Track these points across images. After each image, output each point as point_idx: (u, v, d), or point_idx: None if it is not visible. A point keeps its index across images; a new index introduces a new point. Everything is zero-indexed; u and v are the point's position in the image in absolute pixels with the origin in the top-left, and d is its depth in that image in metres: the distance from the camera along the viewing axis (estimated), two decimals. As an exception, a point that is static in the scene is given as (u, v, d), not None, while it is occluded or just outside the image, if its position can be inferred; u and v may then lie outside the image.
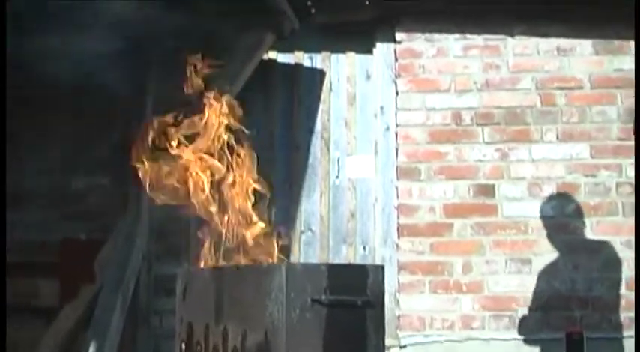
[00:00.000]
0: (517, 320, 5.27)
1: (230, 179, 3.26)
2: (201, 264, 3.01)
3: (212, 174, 3.26)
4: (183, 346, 2.74)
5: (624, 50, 5.58)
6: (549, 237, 5.31)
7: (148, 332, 5.23)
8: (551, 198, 5.37)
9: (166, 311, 5.12)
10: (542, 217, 5.35)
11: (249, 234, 3.10)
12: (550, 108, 5.45)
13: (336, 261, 5.51)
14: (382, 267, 2.56)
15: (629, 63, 5.53)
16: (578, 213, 5.35)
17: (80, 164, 5.53)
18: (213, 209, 3.18)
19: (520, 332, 5.25)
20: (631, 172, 5.32)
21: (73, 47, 5.48)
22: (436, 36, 5.60)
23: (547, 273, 5.30)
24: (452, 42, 5.59)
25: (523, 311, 5.28)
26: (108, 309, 4.63)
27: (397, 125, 5.58)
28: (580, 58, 5.47)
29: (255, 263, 2.86)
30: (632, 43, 5.55)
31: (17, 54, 5.23)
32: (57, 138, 5.63)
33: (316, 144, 5.73)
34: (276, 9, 4.76)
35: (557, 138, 5.42)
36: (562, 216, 5.33)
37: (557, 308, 5.26)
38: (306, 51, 5.84)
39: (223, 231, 3.10)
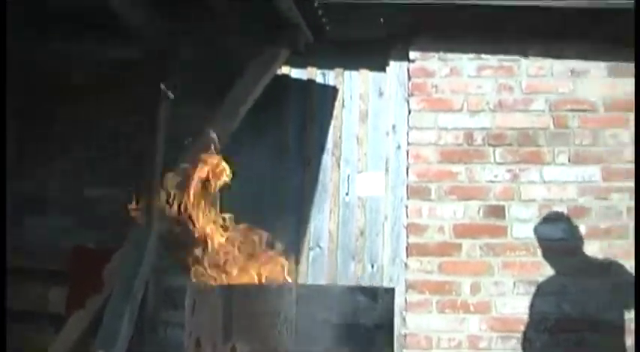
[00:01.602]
0: (525, 342, 5.25)
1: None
2: (211, 280, 3.01)
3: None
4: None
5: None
6: (559, 259, 5.29)
7: (155, 342, 5.23)
8: (562, 220, 5.35)
9: (173, 323, 5.14)
10: (553, 239, 5.33)
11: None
12: (563, 130, 5.44)
13: (344, 278, 5.51)
14: (393, 290, 2.55)
15: (643, 87, 5.53)
16: (589, 236, 5.33)
17: (94, 173, 5.56)
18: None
19: (527, 354, 5.24)
20: (643, 196, 5.31)
21: (92, 56, 5.54)
22: (450, 55, 5.60)
23: (556, 295, 5.28)
24: (465, 62, 5.58)
25: (531, 333, 5.26)
26: (116, 318, 4.62)
27: (409, 144, 5.56)
28: (594, 80, 5.45)
29: (266, 282, 2.85)
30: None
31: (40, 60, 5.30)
32: (75, 145, 5.68)
33: (327, 161, 5.73)
34: (291, 23, 4.77)
35: (569, 160, 5.41)
36: (573, 238, 5.30)
37: (566, 331, 5.24)
38: (320, 67, 5.84)
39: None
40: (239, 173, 5.55)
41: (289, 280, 2.97)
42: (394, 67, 5.75)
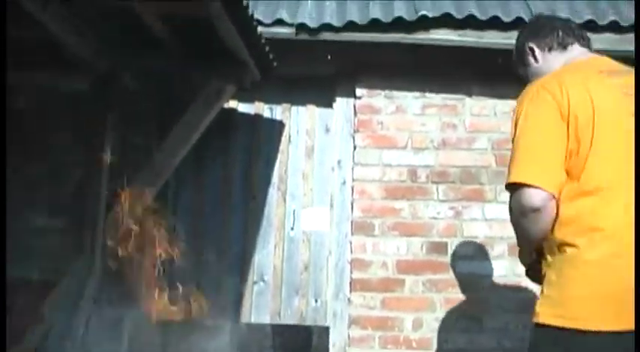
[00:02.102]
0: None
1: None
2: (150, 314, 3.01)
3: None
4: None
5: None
6: (501, 295, 5.34)
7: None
8: (503, 257, 5.41)
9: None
10: (495, 276, 5.39)
11: None
12: (504, 168, 5.41)
13: (288, 313, 5.50)
14: (327, 328, 2.57)
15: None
16: (530, 273, 5.38)
17: (38, 202, 5.50)
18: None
19: (469, 390, 5.27)
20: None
21: (38, 86, 5.50)
22: (395, 93, 5.66)
23: (498, 332, 5.33)
24: (411, 100, 5.65)
25: (473, 369, 5.30)
26: (56, 352, 4.58)
27: (353, 179, 5.60)
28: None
29: (202, 320, 2.87)
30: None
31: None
32: (18, 175, 5.62)
33: (273, 195, 5.74)
34: (239, 60, 4.78)
35: (511, 198, 5.47)
36: (513, 275, 5.35)
37: (506, 367, 5.28)
38: (267, 102, 5.87)
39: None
40: (184, 206, 5.60)
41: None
42: (341, 103, 5.80)
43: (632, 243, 2.49)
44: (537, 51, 3.10)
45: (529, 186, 2.62)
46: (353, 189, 5.59)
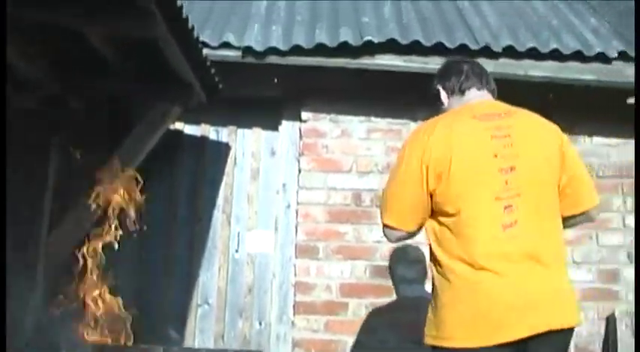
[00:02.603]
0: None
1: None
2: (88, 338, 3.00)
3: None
4: None
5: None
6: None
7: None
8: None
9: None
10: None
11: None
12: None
13: (232, 336, 5.50)
14: (261, 352, 2.58)
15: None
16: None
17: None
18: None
19: (412, 413, 5.28)
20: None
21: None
22: (341, 117, 5.71)
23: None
24: (356, 124, 5.69)
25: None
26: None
27: (298, 203, 5.61)
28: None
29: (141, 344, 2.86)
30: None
31: None
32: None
33: (218, 218, 5.74)
34: (185, 82, 4.78)
35: (454, 222, 5.52)
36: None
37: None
38: (213, 124, 5.88)
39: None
40: (127, 228, 5.55)
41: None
42: (286, 126, 5.83)
43: (499, 268, 2.81)
44: (443, 93, 3.30)
45: (390, 227, 3.12)
46: (297, 212, 5.61)
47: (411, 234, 3.16)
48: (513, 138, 2.98)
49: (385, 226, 3.15)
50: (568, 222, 3.14)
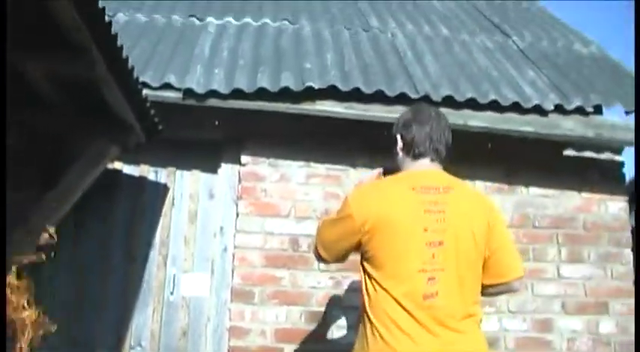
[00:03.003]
0: None
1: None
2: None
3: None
4: None
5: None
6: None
7: None
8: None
9: None
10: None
11: None
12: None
13: (164, 380, 5.43)
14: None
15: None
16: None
17: None
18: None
19: None
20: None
21: None
22: (280, 161, 5.71)
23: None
24: (295, 169, 5.71)
25: None
26: None
27: (235, 246, 5.58)
28: (417, 193, 5.60)
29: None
30: (467, 182, 5.80)
31: None
32: None
33: (153, 259, 5.67)
34: (124, 122, 4.75)
35: (390, 270, 5.53)
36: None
37: None
38: (152, 165, 5.84)
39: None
40: (63, 265, 5.48)
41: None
42: (225, 169, 5.82)
43: (416, 335, 3.00)
44: (399, 145, 3.43)
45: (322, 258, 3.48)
46: (234, 256, 5.57)
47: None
48: (446, 214, 3.13)
49: (316, 253, 3.48)
50: (488, 290, 3.30)
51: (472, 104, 5.60)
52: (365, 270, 3.21)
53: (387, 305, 3.06)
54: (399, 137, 3.42)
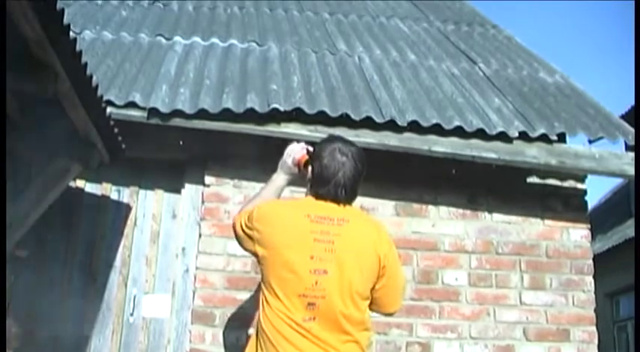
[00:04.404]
0: None
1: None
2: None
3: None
4: None
5: (423, 213, 5.84)
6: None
7: None
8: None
9: None
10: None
11: None
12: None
13: (122, 402, 5.35)
14: None
15: (426, 226, 5.79)
16: (370, 370, 5.41)
17: None
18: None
19: None
20: (421, 332, 5.51)
21: None
22: (244, 183, 5.67)
23: None
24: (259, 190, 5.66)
25: None
26: None
27: (197, 268, 5.51)
28: (381, 217, 5.58)
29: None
30: (430, 207, 5.84)
31: None
32: None
33: (114, 279, 5.60)
34: (87, 141, 4.71)
35: (353, 294, 5.51)
36: None
37: None
38: (115, 183, 5.79)
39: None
40: (21, 285, 5.39)
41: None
42: (189, 189, 5.78)
43: None
44: (309, 173, 3.60)
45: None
46: (196, 277, 5.51)
47: None
48: (336, 245, 3.30)
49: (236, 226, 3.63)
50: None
51: (437, 130, 5.61)
52: (264, 284, 3.43)
53: (273, 325, 3.24)
54: (310, 166, 3.60)
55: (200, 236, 5.59)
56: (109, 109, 4.75)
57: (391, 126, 5.53)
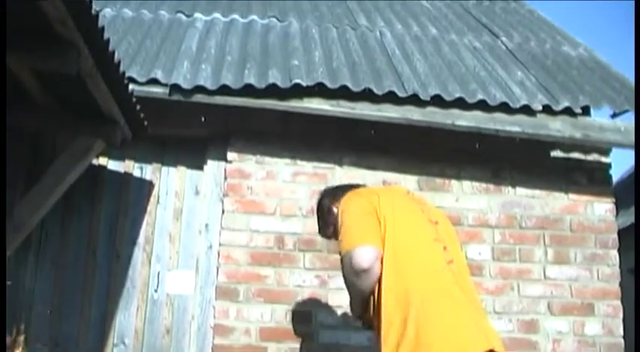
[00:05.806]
0: None
1: None
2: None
3: None
4: None
5: (446, 188, 5.81)
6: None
7: None
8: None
9: None
10: (359, 347, 5.37)
11: None
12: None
13: (147, 377, 5.39)
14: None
15: (449, 200, 5.76)
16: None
17: None
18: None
19: None
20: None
21: None
22: (267, 159, 5.67)
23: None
24: (282, 166, 5.67)
25: None
26: None
27: (220, 244, 5.52)
28: (404, 192, 5.57)
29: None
30: (453, 182, 5.81)
31: None
32: None
33: (138, 256, 5.63)
34: (110, 118, 4.71)
35: (376, 269, 5.50)
36: (376, 348, 5.34)
37: None
38: (137, 160, 5.80)
39: None
40: (47, 261, 5.43)
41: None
42: (211, 166, 5.77)
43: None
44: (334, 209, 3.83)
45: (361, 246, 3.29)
46: (219, 253, 5.52)
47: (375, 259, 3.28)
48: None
49: (362, 248, 3.28)
50: None
51: (460, 104, 5.57)
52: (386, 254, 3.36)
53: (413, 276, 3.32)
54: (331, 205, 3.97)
55: (223, 212, 5.59)
56: (131, 86, 4.73)
57: (414, 100, 5.49)
